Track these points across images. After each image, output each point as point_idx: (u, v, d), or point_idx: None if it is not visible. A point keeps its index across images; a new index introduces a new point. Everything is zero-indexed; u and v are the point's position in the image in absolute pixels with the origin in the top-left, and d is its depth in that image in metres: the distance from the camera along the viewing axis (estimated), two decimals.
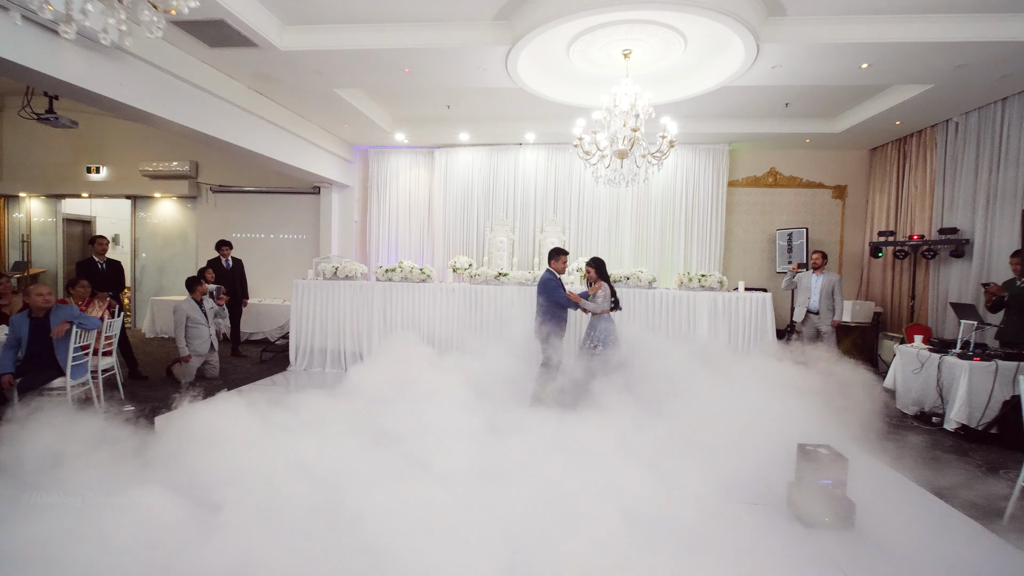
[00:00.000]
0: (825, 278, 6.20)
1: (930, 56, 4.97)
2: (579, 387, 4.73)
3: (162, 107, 5.30)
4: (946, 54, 4.90)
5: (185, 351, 5.94)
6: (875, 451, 3.96)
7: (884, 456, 3.95)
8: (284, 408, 4.20)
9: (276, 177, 9.48)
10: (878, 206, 8.26)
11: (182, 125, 5.63)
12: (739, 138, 8.13)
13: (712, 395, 4.54)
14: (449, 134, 8.38)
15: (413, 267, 6.62)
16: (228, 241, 7.61)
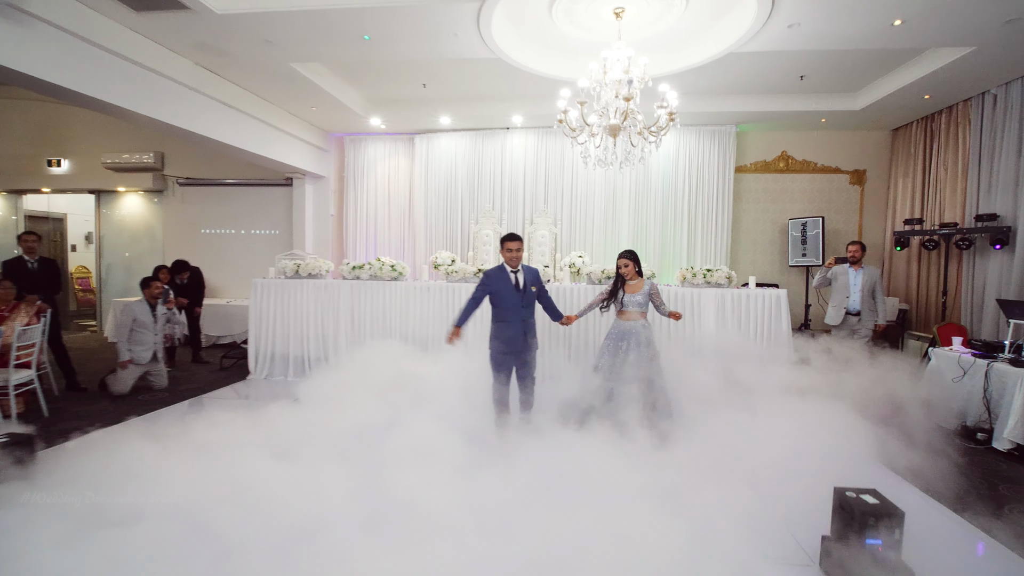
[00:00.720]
0: (865, 274, 5.33)
1: (976, 8, 4.20)
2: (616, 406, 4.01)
3: (89, 85, 4.62)
4: (996, 4, 4.13)
5: (126, 355, 5.28)
6: (927, 485, 3.24)
7: (939, 493, 3.22)
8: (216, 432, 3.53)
9: (247, 168, 8.79)
10: (901, 192, 7.49)
11: (125, 109, 5.00)
12: (747, 118, 7.37)
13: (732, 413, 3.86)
14: (429, 118, 7.65)
15: (383, 264, 5.92)
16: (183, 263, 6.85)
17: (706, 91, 6.80)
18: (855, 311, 5.35)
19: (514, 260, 4.05)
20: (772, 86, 6.60)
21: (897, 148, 7.65)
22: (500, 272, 4.08)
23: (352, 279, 6.03)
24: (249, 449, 3.13)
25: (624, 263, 4.17)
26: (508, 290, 4.04)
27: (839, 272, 5.45)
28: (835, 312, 5.45)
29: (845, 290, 5.38)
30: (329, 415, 4.08)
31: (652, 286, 4.14)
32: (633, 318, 4.18)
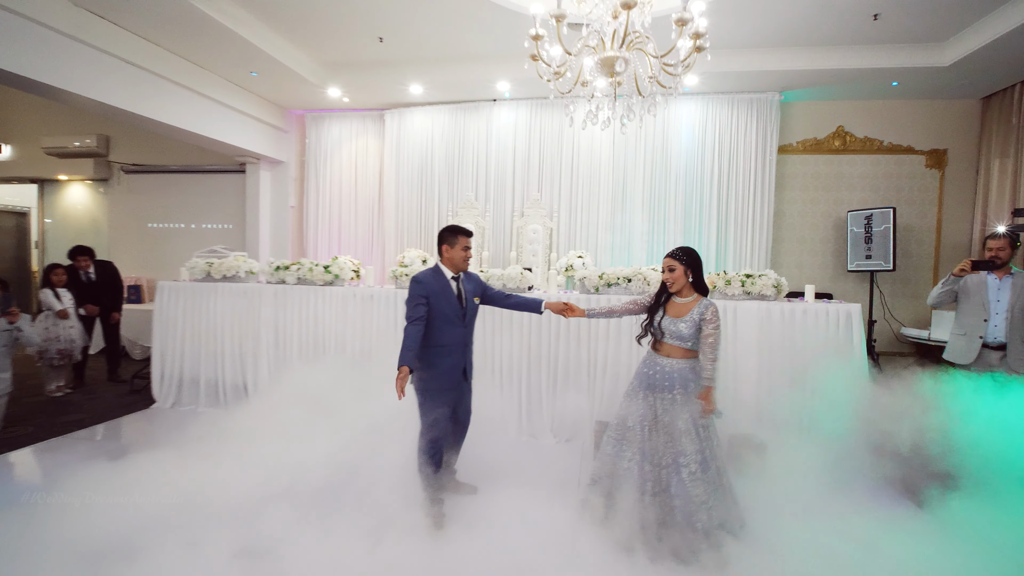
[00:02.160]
0: (1019, 284, 3.45)
1: None
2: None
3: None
4: None
5: None
6: None
7: None
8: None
9: (197, 153, 7.57)
10: (997, 176, 5.80)
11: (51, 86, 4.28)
12: (795, 80, 5.78)
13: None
14: (398, 87, 6.27)
15: (315, 265, 4.54)
16: (86, 249, 5.63)
17: (742, 44, 5.27)
18: (997, 343, 3.48)
19: (464, 263, 2.86)
20: (831, 33, 5.03)
21: (991, 120, 5.96)
22: (436, 277, 2.81)
23: (276, 283, 4.66)
24: None
25: (669, 265, 2.69)
26: (448, 302, 2.79)
27: (973, 284, 3.59)
28: (965, 344, 3.59)
29: (980, 308, 3.54)
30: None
31: (709, 309, 2.60)
32: (673, 355, 2.68)
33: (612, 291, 4.12)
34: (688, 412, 2.57)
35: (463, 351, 2.85)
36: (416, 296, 2.73)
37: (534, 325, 4.15)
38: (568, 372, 4.13)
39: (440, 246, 2.87)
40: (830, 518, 2.86)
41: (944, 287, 3.66)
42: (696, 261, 2.68)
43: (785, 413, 3.85)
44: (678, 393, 2.62)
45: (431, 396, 2.79)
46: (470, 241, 2.90)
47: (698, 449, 2.54)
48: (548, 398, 4.19)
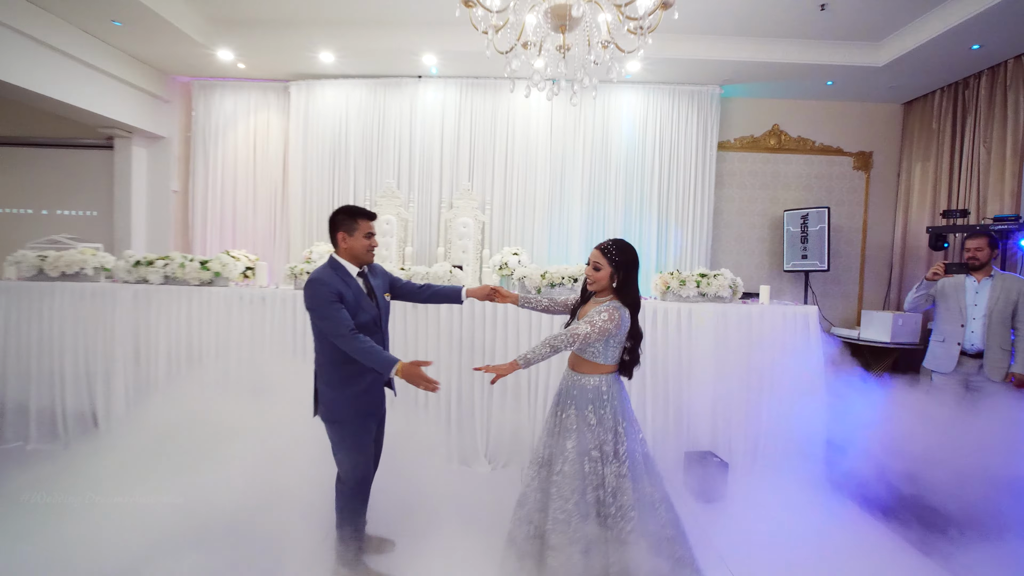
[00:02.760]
0: (996, 287, 3.27)
1: None
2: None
3: None
4: None
5: None
6: None
7: None
8: None
9: (53, 123, 6.17)
10: (919, 179, 5.93)
11: None
12: (736, 73, 5.56)
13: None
14: (306, 54, 5.37)
15: (188, 259, 3.61)
16: None
17: (686, 30, 4.95)
18: (975, 350, 3.29)
19: (368, 253, 2.20)
20: (777, 24, 4.82)
21: (912, 125, 6.10)
22: (339, 274, 2.14)
23: (137, 282, 3.67)
24: None
25: (596, 261, 2.15)
26: (360, 305, 2.14)
27: (950, 287, 3.41)
28: (942, 351, 3.40)
29: (959, 312, 3.35)
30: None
31: (607, 309, 2.08)
32: (577, 367, 2.20)
33: (557, 292, 3.58)
34: (577, 440, 2.09)
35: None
36: (326, 300, 2.02)
37: (464, 330, 3.51)
38: (505, 387, 3.54)
39: (335, 234, 2.18)
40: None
41: (918, 292, 3.47)
42: (629, 262, 2.13)
43: (744, 427, 3.52)
44: (581, 412, 2.13)
45: (350, 426, 2.13)
46: (373, 225, 2.23)
47: (578, 488, 2.05)
48: (482, 418, 3.57)
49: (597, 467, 2.08)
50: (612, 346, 2.11)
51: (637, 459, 2.09)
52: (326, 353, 2.08)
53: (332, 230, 2.19)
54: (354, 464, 2.19)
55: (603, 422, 2.11)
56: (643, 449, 2.16)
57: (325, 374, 2.12)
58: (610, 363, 2.15)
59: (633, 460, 2.09)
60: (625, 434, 2.12)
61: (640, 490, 2.08)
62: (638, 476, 2.08)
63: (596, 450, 2.09)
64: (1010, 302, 3.21)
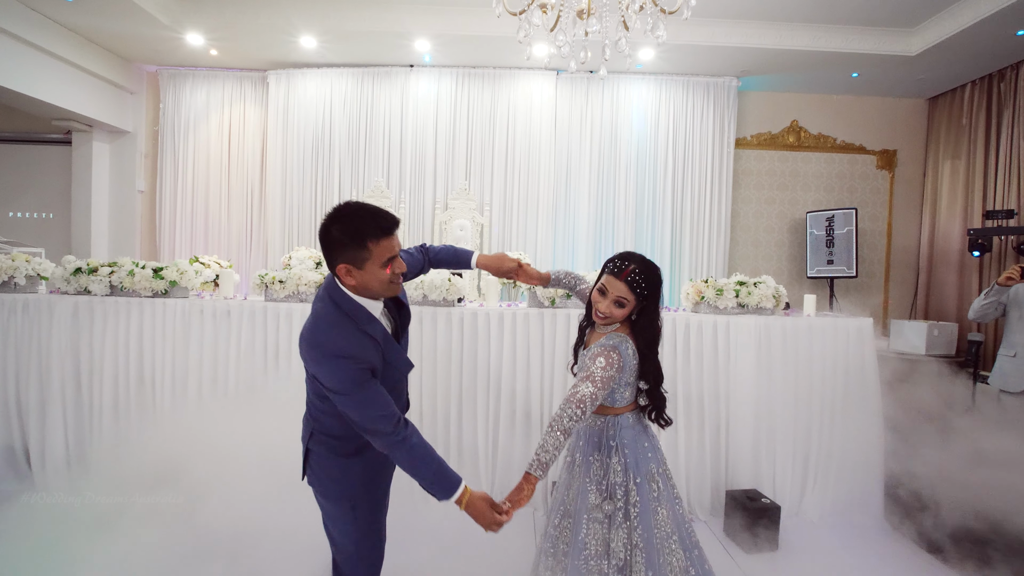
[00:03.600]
0: None
1: None
2: None
3: None
4: None
5: None
6: None
7: None
8: None
9: (3, 115, 5.59)
10: (947, 178, 5.55)
11: None
12: (755, 63, 5.13)
13: None
14: (285, 39, 4.86)
15: (138, 266, 3.05)
16: None
17: (703, 12, 4.48)
18: None
19: (393, 285, 1.45)
20: (801, 5, 4.40)
21: (938, 121, 5.72)
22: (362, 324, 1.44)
23: (77, 293, 3.11)
24: None
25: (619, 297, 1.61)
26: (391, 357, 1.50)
27: (1021, 293, 3.02)
28: (1014, 367, 2.99)
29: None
30: None
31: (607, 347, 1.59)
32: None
33: (571, 304, 3.07)
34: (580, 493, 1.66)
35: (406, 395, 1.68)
36: (360, 381, 1.35)
37: (466, 354, 3.00)
38: (513, 416, 3.02)
39: (333, 265, 1.40)
40: None
41: (987, 298, 3.03)
42: (656, 292, 1.63)
43: (792, 461, 3.03)
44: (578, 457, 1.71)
45: (363, 505, 1.55)
46: (395, 243, 1.43)
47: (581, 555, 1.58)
48: (486, 450, 3.05)
49: (602, 530, 1.59)
50: (619, 387, 1.61)
51: (659, 525, 1.58)
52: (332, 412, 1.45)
53: (329, 259, 1.41)
54: (360, 551, 1.59)
55: (609, 475, 1.62)
56: (673, 512, 1.64)
57: (325, 438, 1.51)
58: (620, 405, 1.65)
59: (647, 527, 1.58)
60: (638, 492, 1.61)
61: (660, 565, 1.56)
62: (655, 549, 1.57)
63: (597, 510, 1.60)
64: None
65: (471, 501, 1.38)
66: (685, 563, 1.60)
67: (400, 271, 1.44)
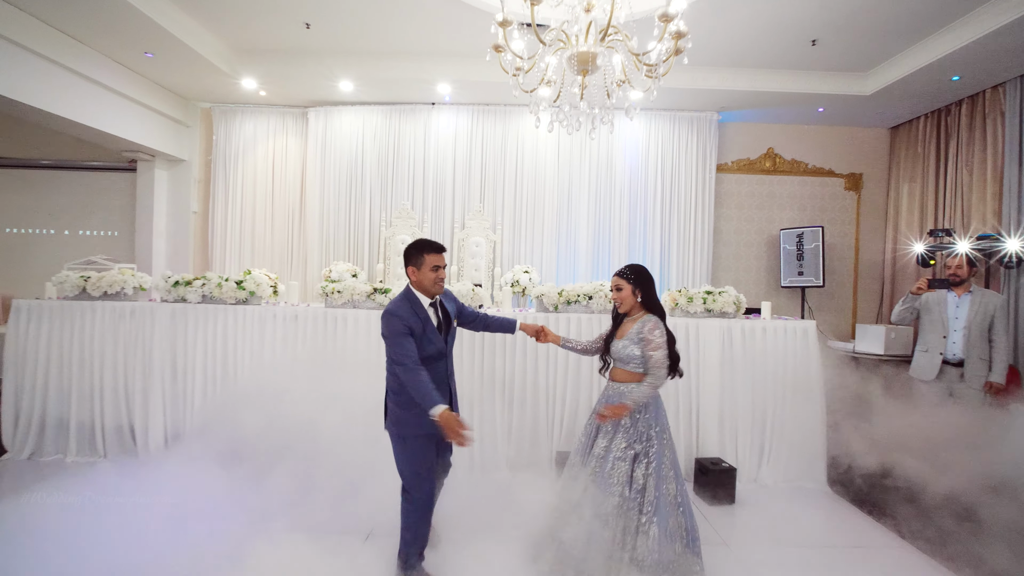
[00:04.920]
0: (976, 302, 3.57)
1: None
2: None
3: None
4: None
5: None
6: None
7: None
8: None
9: (73, 146, 6.41)
10: (906, 199, 6.26)
11: None
12: (733, 101, 5.90)
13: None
14: (325, 82, 5.65)
15: (224, 279, 3.82)
16: None
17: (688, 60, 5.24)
18: (956, 359, 3.59)
19: (436, 284, 2.36)
20: (771, 55, 5.15)
21: (898, 148, 6.45)
22: (412, 307, 2.31)
23: (174, 301, 3.87)
24: None
25: (617, 284, 2.46)
26: (429, 338, 2.31)
27: (933, 301, 3.71)
28: (926, 360, 3.70)
29: (941, 325, 3.64)
30: None
31: (647, 324, 2.37)
32: (619, 379, 2.46)
33: (572, 309, 3.81)
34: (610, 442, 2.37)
35: (448, 383, 2.40)
36: (397, 331, 2.19)
37: (487, 348, 3.74)
38: (524, 399, 3.75)
39: (406, 268, 2.35)
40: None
41: (904, 305, 3.73)
42: (645, 279, 2.45)
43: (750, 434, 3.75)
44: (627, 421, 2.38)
45: (412, 443, 2.30)
46: (442, 258, 2.36)
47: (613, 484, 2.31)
48: (503, 427, 3.77)
49: (629, 467, 2.31)
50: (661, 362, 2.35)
51: (664, 462, 2.31)
52: (397, 376, 2.23)
53: (405, 265, 2.35)
54: (417, 478, 2.32)
55: (637, 425, 2.35)
56: (672, 456, 2.39)
57: (395, 394, 2.29)
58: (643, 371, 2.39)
59: (660, 463, 2.32)
60: (656, 439, 2.35)
61: (663, 490, 2.30)
62: (663, 478, 2.30)
63: (630, 449, 2.32)
64: (987, 316, 3.51)
65: (444, 417, 2.08)
66: (675, 491, 2.34)
67: (442, 278, 2.35)
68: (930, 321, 3.68)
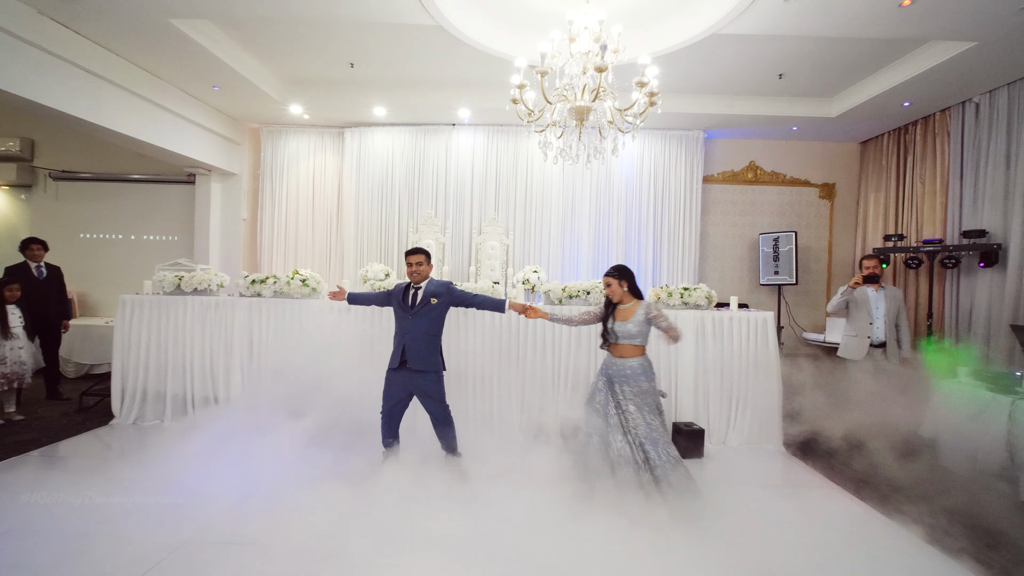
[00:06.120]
0: (888, 296, 4.46)
1: None
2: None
3: None
4: None
5: None
6: None
7: None
8: None
9: (138, 161, 7.35)
10: (872, 207, 7.06)
11: None
12: (717, 122, 6.72)
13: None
14: (361, 108, 6.54)
15: (292, 277, 4.72)
16: (39, 240, 5.45)
17: (675, 88, 6.09)
18: (879, 342, 4.44)
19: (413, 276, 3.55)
20: (746, 85, 5.97)
21: (867, 161, 7.25)
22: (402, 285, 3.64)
23: (251, 296, 4.78)
24: None
25: (607, 282, 3.28)
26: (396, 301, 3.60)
27: (860, 295, 4.53)
28: (856, 343, 4.53)
29: (867, 315, 4.49)
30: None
31: (649, 308, 3.21)
32: (627, 354, 3.26)
33: (574, 302, 4.67)
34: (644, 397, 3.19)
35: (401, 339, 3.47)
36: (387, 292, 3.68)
37: (503, 333, 4.59)
38: (535, 374, 4.61)
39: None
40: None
41: (842, 297, 4.56)
42: (627, 273, 3.29)
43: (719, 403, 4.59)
44: (635, 384, 3.21)
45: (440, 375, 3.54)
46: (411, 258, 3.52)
47: (660, 423, 3.16)
48: (517, 398, 4.63)
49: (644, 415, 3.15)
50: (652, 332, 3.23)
51: (652, 411, 3.16)
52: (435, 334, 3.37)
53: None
54: (443, 407, 3.47)
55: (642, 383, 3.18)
56: (659, 405, 3.24)
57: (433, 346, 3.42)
58: (646, 344, 3.25)
59: (651, 410, 3.16)
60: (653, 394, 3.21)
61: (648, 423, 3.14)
62: (650, 410, 3.16)
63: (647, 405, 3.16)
64: (895, 307, 4.41)
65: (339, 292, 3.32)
66: (659, 424, 3.15)
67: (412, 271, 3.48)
68: (858, 311, 4.51)
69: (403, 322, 3.46)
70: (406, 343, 3.41)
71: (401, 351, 3.41)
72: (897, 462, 3.85)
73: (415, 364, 3.41)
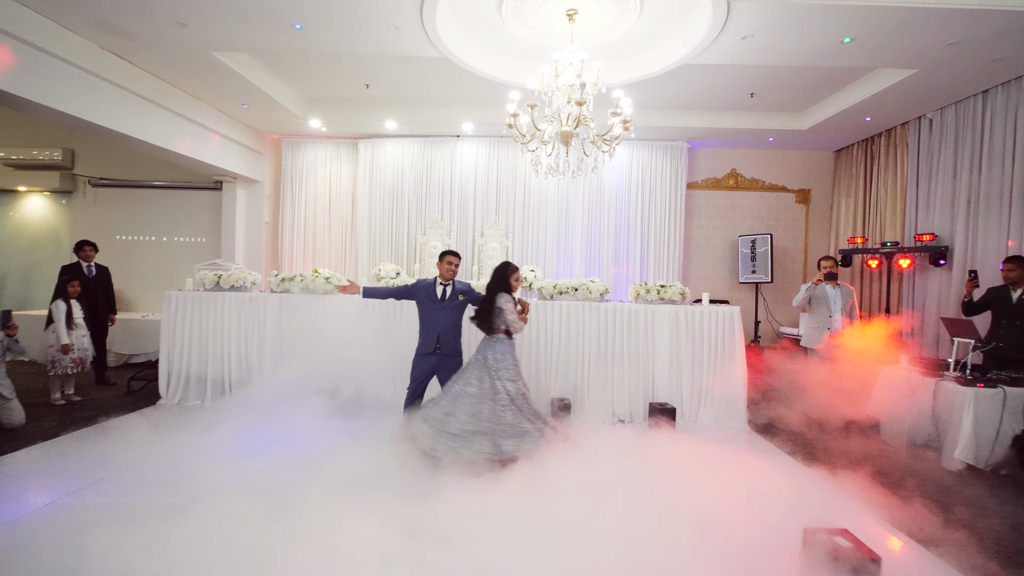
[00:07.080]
0: (843, 292, 5.15)
1: (922, 28, 4.24)
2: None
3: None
4: (940, 25, 4.18)
5: None
6: (892, 517, 3.05)
7: (903, 523, 3.03)
8: None
9: (169, 169, 8.04)
10: (844, 211, 7.66)
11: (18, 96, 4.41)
12: (699, 134, 7.35)
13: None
14: (374, 122, 7.20)
15: (317, 275, 5.38)
16: (91, 242, 6.14)
17: (659, 105, 6.72)
18: (837, 332, 5.08)
19: (447, 275, 4.07)
20: (723, 102, 6.58)
21: (840, 169, 7.84)
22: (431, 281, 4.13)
23: (281, 292, 5.45)
24: None
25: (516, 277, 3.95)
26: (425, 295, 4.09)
27: (820, 291, 5.18)
28: (816, 333, 5.17)
29: (827, 309, 5.14)
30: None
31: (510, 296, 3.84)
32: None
33: (563, 297, 5.31)
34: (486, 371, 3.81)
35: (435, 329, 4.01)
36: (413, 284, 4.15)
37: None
38: (529, 356, 5.26)
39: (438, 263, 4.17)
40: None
41: (807, 293, 5.18)
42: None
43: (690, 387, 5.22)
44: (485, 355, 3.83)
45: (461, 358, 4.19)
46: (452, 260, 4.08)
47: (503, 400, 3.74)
48: None
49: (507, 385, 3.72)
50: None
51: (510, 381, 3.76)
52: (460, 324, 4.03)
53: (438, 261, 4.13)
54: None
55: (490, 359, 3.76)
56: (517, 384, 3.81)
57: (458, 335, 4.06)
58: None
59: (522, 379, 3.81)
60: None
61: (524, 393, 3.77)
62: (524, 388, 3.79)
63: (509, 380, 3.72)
64: (849, 302, 5.03)
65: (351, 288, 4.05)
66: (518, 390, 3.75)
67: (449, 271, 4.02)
68: (819, 305, 5.15)
69: (434, 314, 3.99)
70: (440, 332, 3.98)
71: (436, 338, 3.97)
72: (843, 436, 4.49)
73: (447, 350, 4.01)
